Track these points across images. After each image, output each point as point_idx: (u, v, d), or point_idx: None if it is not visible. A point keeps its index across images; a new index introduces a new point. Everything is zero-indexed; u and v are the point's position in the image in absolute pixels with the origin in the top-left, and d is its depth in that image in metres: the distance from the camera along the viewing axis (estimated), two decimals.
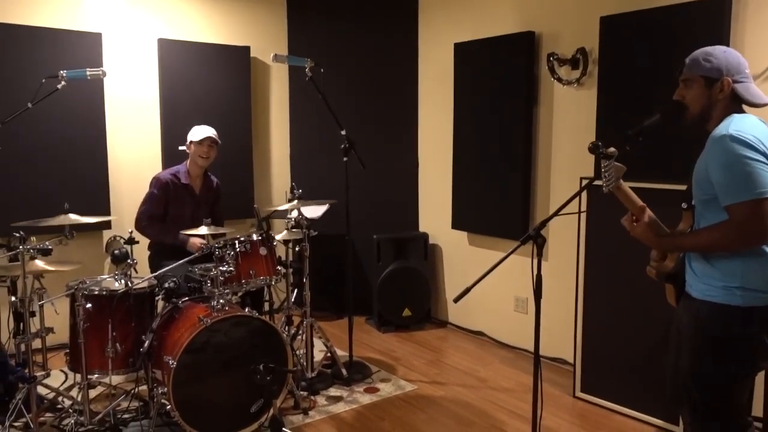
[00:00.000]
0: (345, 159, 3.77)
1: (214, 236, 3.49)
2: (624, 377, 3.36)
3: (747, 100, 2.08)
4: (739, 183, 1.92)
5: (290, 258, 3.89)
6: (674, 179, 2.92)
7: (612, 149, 2.12)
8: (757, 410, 2.85)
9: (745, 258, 2.00)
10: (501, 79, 4.29)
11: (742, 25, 3.12)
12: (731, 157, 1.93)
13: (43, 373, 3.15)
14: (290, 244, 3.98)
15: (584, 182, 3.42)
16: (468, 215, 4.66)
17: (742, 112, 2.09)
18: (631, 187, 2.24)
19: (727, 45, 2.96)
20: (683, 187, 2.28)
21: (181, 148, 3.98)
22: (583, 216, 3.49)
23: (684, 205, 2.19)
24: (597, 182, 2.38)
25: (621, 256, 3.31)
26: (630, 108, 3.49)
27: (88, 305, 2.97)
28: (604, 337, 3.45)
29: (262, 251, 3.33)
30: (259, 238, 3.35)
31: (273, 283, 3.44)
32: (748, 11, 3.10)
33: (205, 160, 3.86)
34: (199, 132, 3.85)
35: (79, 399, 3.12)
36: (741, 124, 1.98)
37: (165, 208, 3.83)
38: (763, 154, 1.93)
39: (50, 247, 3.13)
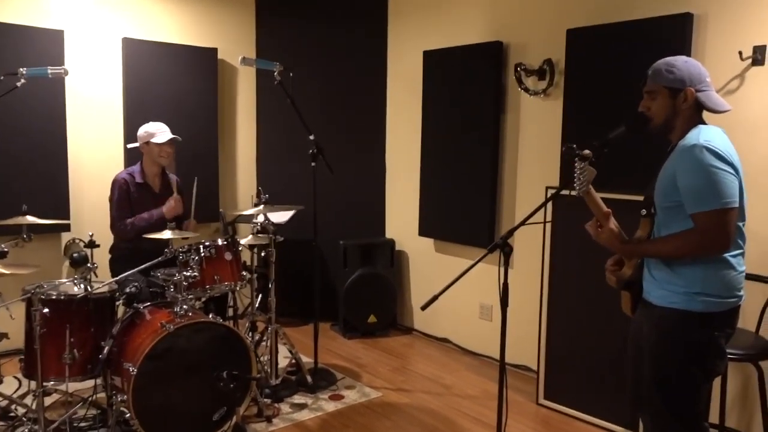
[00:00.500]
0: (313, 164, 3.75)
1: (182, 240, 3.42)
2: (587, 384, 3.41)
3: (710, 108, 2.13)
4: (708, 192, 1.98)
5: (255, 263, 3.85)
6: (635, 190, 2.97)
7: (587, 151, 2.13)
8: (713, 417, 2.92)
9: (705, 265, 2.05)
10: (469, 88, 4.32)
11: (702, 41, 3.21)
12: (701, 166, 1.98)
13: None
14: (256, 249, 3.94)
15: (550, 192, 3.48)
16: (435, 222, 4.68)
17: (704, 121, 2.15)
18: None
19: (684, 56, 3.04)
20: (640, 198, 2.33)
21: (131, 146, 3.87)
22: (548, 225, 3.53)
23: (643, 212, 2.23)
24: (564, 191, 2.42)
25: (585, 265, 3.36)
26: (595, 119, 3.55)
27: (45, 310, 2.87)
28: (567, 345, 3.49)
29: (228, 256, 3.28)
30: (225, 242, 3.30)
31: (238, 288, 3.40)
32: (709, 26, 3.19)
33: (167, 159, 3.78)
34: (161, 133, 3.73)
35: (33, 407, 3.01)
36: (710, 135, 2.04)
37: (129, 208, 3.73)
38: (730, 164, 1.99)
39: (6, 249, 3.04)
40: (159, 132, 3.74)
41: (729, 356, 2.61)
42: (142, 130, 3.76)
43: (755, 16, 3.03)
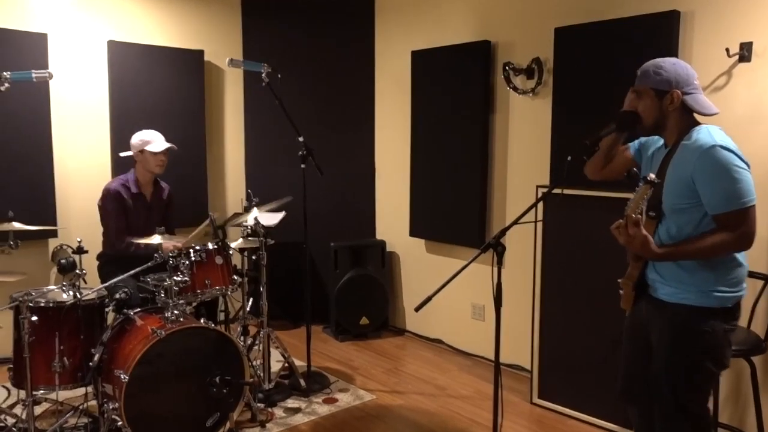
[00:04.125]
0: (302, 166, 3.73)
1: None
2: (580, 383, 3.41)
3: (697, 110, 2.15)
4: (733, 193, 2.01)
5: (246, 266, 3.82)
6: (630, 188, 2.97)
7: (652, 175, 1.99)
8: None
9: (719, 264, 2.10)
10: (458, 88, 4.32)
11: (689, 38, 3.22)
12: (724, 168, 2.02)
13: None
14: (246, 253, 3.91)
15: (540, 191, 3.48)
16: (425, 223, 4.68)
17: (697, 121, 2.16)
18: (587, 196, 2.27)
19: (676, 56, 3.06)
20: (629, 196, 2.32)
21: (124, 154, 3.82)
22: (540, 224, 3.53)
23: (652, 214, 2.20)
24: (555, 191, 2.42)
25: (577, 264, 3.37)
26: (584, 117, 3.55)
27: (34, 318, 2.82)
28: (560, 344, 3.49)
29: (218, 260, 3.25)
30: (215, 247, 3.28)
31: (229, 292, 3.37)
32: (695, 24, 3.21)
33: (162, 168, 3.75)
34: (157, 142, 3.68)
35: (23, 416, 2.97)
36: (720, 135, 2.08)
37: (125, 218, 3.69)
38: (746, 163, 2.05)
39: None
40: (154, 140, 3.69)
41: None
42: (137, 138, 3.71)
43: (741, 12, 3.05)
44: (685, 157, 2.09)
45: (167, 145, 3.71)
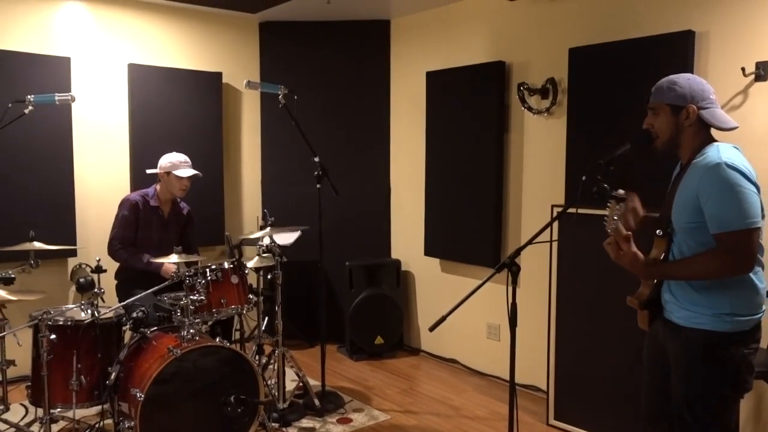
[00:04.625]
0: (318, 186, 3.76)
1: (187, 264, 3.42)
2: (597, 404, 3.37)
3: (714, 125, 2.12)
4: (733, 212, 1.96)
5: (261, 286, 3.84)
6: (645, 206, 2.97)
7: (621, 191, 2.07)
8: None
9: (733, 287, 2.04)
10: (472, 108, 4.34)
11: (705, 58, 3.22)
12: (726, 186, 1.97)
13: (2, 407, 3.03)
14: (262, 272, 3.93)
15: (555, 210, 3.47)
16: (440, 242, 4.67)
17: (713, 137, 2.14)
18: (597, 215, 2.26)
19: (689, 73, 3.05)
20: (653, 214, 2.32)
21: (150, 171, 3.90)
22: (555, 244, 3.52)
23: (659, 232, 2.20)
24: (571, 210, 2.42)
25: (593, 283, 3.35)
26: (599, 137, 3.56)
27: (53, 336, 2.86)
28: (577, 364, 3.46)
29: (234, 279, 3.28)
30: (231, 266, 3.30)
31: (244, 312, 3.38)
32: (711, 43, 3.20)
33: (184, 192, 3.84)
34: (183, 167, 3.77)
35: None
36: (730, 153, 2.04)
37: (136, 229, 3.75)
38: (754, 183, 1.99)
39: (13, 275, 3.05)
40: (182, 165, 3.78)
41: None
42: (166, 160, 3.79)
43: (757, 32, 3.05)
44: (693, 174, 2.06)
45: (193, 172, 3.80)
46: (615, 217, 2.07)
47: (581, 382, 3.44)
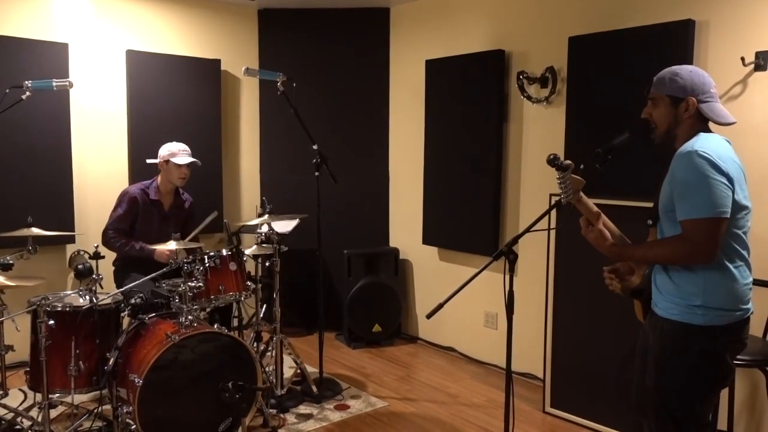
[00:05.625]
0: (316, 174, 3.76)
1: (186, 250, 3.43)
2: (594, 392, 3.39)
3: (712, 119, 2.12)
4: (697, 200, 1.96)
5: (260, 273, 3.85)
6: (642, 197, 2.97)
7: (568, 162, 2.16)
8: (722, 424, 2.90)
9: (706, 275, 2.02)
10: (472, 96, 4.33)
11: (704, 47, 3.21)
12: (693, 174, 1.97)
13: (1, 392, 3.04)
14: (260, 260, 3.94)
15: (554, 199, 3.47)
16: (439, 231, 4.68)
17: (709, 130, 2.14)
18: (599, 204, 2.27)
19: (692, 65, 3.05)
20: (650, 205, 2.33)
21: (150, 161, 3.90)
22: (553, 232, 3.53)
23: (650, 222, 2.22)
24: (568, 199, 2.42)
25: (590, 272, 3.33)
26: (598, 126, 3.55)
27: (51, 322, 2.88)
28: (573, 352, 3.48)
29: (232, 266, 3.29)
30: (229, 253, 3.31)
31: (242, 299, 3.39)
32: (710, 33, 3.20)
33: (183, 181, 3.83)
34: (182, 155, 3.78)
35: (39, 419, 3.00)
36: (706, 143, 2.02)
37: (132, 223, 3.75)
38: (724, 174, 1.96)
39: (11, 261, 3.05)
40: (180, 153, 3.79)
41: (736, 362, 2.60)
42: (165, 150, 3.80)
43: (757, 21, 3.04)
44: (672, 163, 2.07)
45: (191, 159, 3.80)
46: (564, 186, 2.18)
47: (578, 370, 3.46)
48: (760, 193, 2.95)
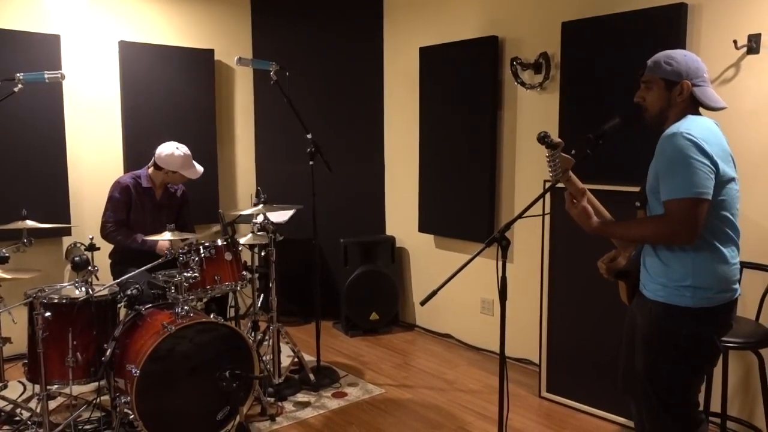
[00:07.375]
0: (311, 163, 3.75)
1: (182, 241, 3.43)
2: (589, 376, 3.41)
3: (704, 103, 2.13)
4: (679, 181, 1.97)
5: (256, 263, 3.85)
6: (631, 181, 2.98)
7: (558, 140, 2.17)
8: (715, 405, 2.92)
9: (696, 255, 2.04)
10: (466, 83, 4.33)
11: (697, 30, 3.21)
12: (676, 155, 1.98)
13: (0, 384, 3.06)
14: (256, 249, 3.94)
15: (548, 185, 3.48)
16: (434, 218, 4.69)
17: (699, 114, 2.15)
18: (590, 189, 2.28)
19: (684, 49, 3.04)
20: (639, 189, 2.34)
21: (160, 165, 3.83)
22: (547, 218, 3.53)
23: (638, 204, 2.24)
24: (560, 184, 2.42)
25: (585, 257, 3.36)
26: (591, 111, 3.56)
27: (48, 314, 2.88)
28: (568, 338, 3.50)
29: (228, 256, 3.29)
30: (224, 243, 3.31)
31: (238, 288, 3.40)
32: (703, 16, 3.19)
33: (176, 184, 3.86)
34: (190, 168, 3.76)
35: (38, 410, 3.02)
36: (692, 125, 2.04)
37: (127, 212, 3.75)
38: (708, 157, 1.97)
39: (7, 254, 3.05)
40: (189, 165, 3.76)
41: (729, 344, 2.63)
42: (172, 159, 3.70)
43: (749, 4, 3.03)
44: (657, 145, 2.09)
45: (201, 170, 3.82)
46: (553, 165, 2.20)
47: (573, 355, 3.48)
48: (753, 175, 2.95)
